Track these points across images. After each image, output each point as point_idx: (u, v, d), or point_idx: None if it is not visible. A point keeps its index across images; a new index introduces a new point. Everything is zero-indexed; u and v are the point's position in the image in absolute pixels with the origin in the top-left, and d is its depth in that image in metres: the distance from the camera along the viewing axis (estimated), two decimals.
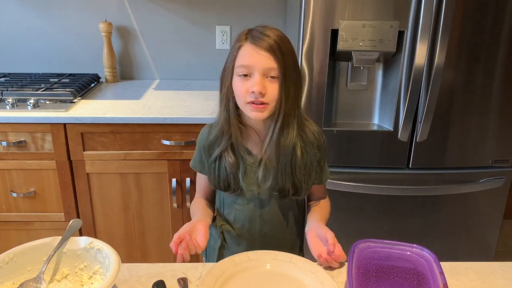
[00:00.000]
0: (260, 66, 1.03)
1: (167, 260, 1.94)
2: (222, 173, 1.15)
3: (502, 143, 1.77)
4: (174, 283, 0.97)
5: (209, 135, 1.17)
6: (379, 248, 0.99)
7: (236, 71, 1.07)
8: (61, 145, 1.80)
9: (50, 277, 0.95)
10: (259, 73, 1.04)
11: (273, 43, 1.03)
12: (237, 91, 1.07)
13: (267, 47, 1.03)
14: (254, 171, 1.15)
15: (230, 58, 1.09)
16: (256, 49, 1.04)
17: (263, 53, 1.03)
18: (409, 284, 0.90)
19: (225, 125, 1.12)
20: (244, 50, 1.06)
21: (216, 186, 1.18)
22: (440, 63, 1.59)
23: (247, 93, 1.05)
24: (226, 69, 1.10)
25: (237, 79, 1.07)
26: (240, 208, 1.20)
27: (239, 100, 1.08)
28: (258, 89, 1.03)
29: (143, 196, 1.91)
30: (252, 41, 1.04)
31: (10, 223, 1.92)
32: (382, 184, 1.78)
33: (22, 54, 2.29)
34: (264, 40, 1.03)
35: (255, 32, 1.06)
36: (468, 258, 1.51)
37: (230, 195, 1.19)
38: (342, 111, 1.79)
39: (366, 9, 1.58)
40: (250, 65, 1.04)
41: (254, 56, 1.04)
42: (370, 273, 0.93)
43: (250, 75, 1.05)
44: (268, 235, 1.21)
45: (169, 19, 2.27)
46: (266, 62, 1.03)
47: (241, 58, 1.06)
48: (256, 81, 1.04)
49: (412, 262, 0.97)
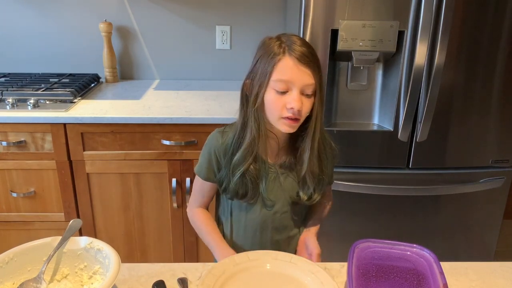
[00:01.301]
0: (300, 82, 1.02)
1: (167, 260, 1.95)
2: (242, 181, 1.12)
3: (502, 143, 1.77)
4: (174, 283, 0.97)
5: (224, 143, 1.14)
6: (379, 248, 0.99)
7: (273, 85, 1.03)
8: (61, 145, 1.80)
9: (50, 277, 0.95)
10: (297, 89, 1.02)
11: (310, 55, 1.02)
12: (272, 105, 1.05)
13: (307, 60, 1.02)
14: (277, 179, 1.15)
15: (264, 69, 1.04)
16: (297, 64, 1.01)
17: (304, 69, 1.02)
18: (409, 284, 0.90)
19: (256, 138, 1.09)
20: (284, 64, 1.02)
21: (233, 194, 1.15)
22: (440, 63, 1.59)
23: (283, 108, 1.03)
24: (257, 80, 1.06)
25: (272, 93, 1.04)
26: (252, 217, 1.18)
27: (272, 114, 1.06)
28: (298, 107, 1.02)
29: (143, 196, 1.91)
30: (292, 55, 1.02)
31: (10, 223, 1.92)
32: (382, 184, 1.78)
33: (22, 54, 2.29)
34: (304, 55, 1.02)
35: (289, 42, 1.03)
36: (468, 258, 1.51)
37: (242, 203, 1.17)
38: (342, 111, 1.79)
39: (366, 9, 1.58)
40: (290, 80, 1.02)
41: (295, 72, 1.02)
42: (370, 273, 0.93)
43: (288, 90, 1.03)
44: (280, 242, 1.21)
45: (169, 19, 2.27)
46: (306, 79, 1.02)
47: (280, 73, 1.02)
48: (294, 98, 1.02)
49: (412, 262, 0.97)
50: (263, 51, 1.06)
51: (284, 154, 1.17)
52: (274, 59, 1.03)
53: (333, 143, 1.21)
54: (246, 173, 1.11)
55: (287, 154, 1.16)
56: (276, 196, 1.16)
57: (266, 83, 1.04)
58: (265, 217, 1.18)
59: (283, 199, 1.17)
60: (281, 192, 1.16)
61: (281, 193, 1.16)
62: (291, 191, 1.16)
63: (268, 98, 1.05)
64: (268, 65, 1.03)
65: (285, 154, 1.17)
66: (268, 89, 1.04)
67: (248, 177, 1.11)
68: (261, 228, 1.19)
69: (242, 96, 1.11)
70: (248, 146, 1.10)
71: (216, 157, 1.15)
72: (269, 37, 1.08)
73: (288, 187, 1.16)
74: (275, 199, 1.16)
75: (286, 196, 1.17)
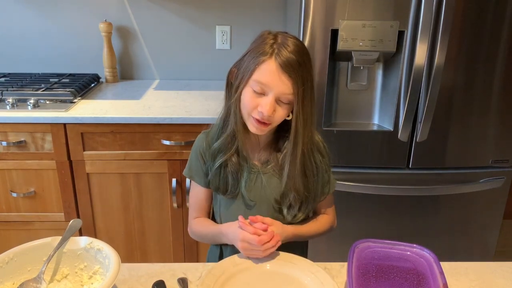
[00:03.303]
0: (277, 89, 1.01)
1: (167, 260, 1.95)
2: (223, 174, 1.12)
3: (502, 143, 1.77)
4: (174, 283, 0.97)
5: (208, 141, 1.14)
6: (379, 248, 0.99)
7: (252, 84, 1.03)
8: (61, 145, 1.80)
9: (50, 277, 0.95)
10: (273, 95, 1.01)
11: (298, 68, 1.00)
12: (245, 102, 1.04)
13: (290, 72, 0.99)
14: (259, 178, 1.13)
15: (248, 65, 1.03)
16: (279, 71, 0.99)
17: (284, 78, 1.00)
18: (409, 284, 0.90)
19: (235, 130, 1.09)
20: (266, 66, 1.00)
21: (216, 187, 1.15)
22: (440, 63, 1.59)
23: (255, 108, 1.03)
24: (240, 73, 1.06)
25: (249, 91, 1.04)
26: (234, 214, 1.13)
27: (244, 110, 1.06)
28: (268, 113, 1.01)
29: (143, 196, 1.91)
30: (277, 60, 1.00)
31: (10, 223, 1.92)
32: (382, 184, 1.78)
33: (22, 54, 2.29)
34: (289, 63, 0.99)
35: (281, 45, 1.01)
36: (468, 258, 1.51)
37: (225, 198, 1.16)
38: (342, 111, 1.79)
39: (366, 9, 1.58)
40: (268, 85, 1.01)
41: (275, 78, 1.00)
42: (370, 273, 0.93)
43: (264, 93, 1.02)
44: None
45: (169, 19, 2.27)
46: (283, 88, 1.00)
47: (261, 74, 1.01)
48: (267, 102, 1.01)
49: (412, 262, 0.97)
50: (256, 45, 1.05)
51: (267, 153, 1.15)
52: (259, 58, 1.01)
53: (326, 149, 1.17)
54: (227, 165, 1.11)
55: (270, 153, 1.15)
56: (257, 197, 1.13)
57: (246, 80, 1.04)
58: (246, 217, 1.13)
59: (267, 203, 1.13)
60: (263, 192, 1.13)
61: (263, 193, 1.13)
62: (275, 193, 1.13)
63: (245, 95, 1.05)
64: (252, 63, 1.03)
65: (267, 153, 1.15)
66: (247, 86, 1.04)
67: (229, 169, 1.11)
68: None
69: (227, 83, 1.12)
70: (228, 136, 1.10)
71: (202, 157, 1.16)
72: (269, 32, 1.06)
73: (272, 188, 1.13)
74: (255, 199, 1.13)
75: (270, 199, 1.13)
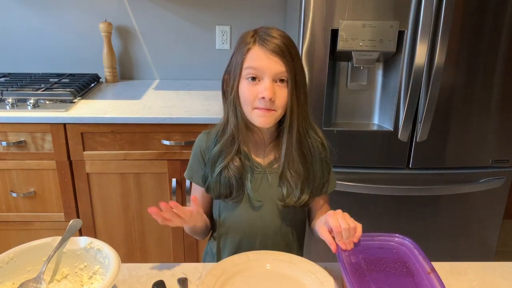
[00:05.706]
0: (270, 70, 1.00)
1: (167, 260, 1.95)
2: (225, 179, 1.08)
3: (502, 143, 1.77)
4: (174, 283, 0.97)
5: (208, 142, 1.13)
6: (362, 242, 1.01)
7: (244, 73, 1.02)
8: (61, 145, 1.80)
9: (50, 277, 0.95)
10: (269, 78, 1.00)
11: (283, 46, 1.00)
12: (245, 95, 1.03)
13: (277, 50, 0.99)
14: (265, 177, 1.11)
15: (237, 61, 1.04)
16: (266, 52, 1.00)
17: (272, 57, 1.00)
18: (399, 273, 0.92)
19: (235, 131, 1.07)
20: (253, 53, 1.01)
21: (217, 193, 1.11)
22: (440, 63, 1.59)
23: (255, 98, 1.01)
24: (232, 72, 1.05)
25: (244, 83, 1.03)
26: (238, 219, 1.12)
27: (245, 105, 1.04)
28: (269, 95, 0.99)
29: (143, 196, 1.91)
30: (261, 43, 1.00)
31: (10, 223, 1.92)
32: (382, 184, 1.78)
33: (22, 54, 2.29)
34: (273, 43, 1.00)
35: (262, 34, 1.02)
36: (468, 258, 1.51)
37: (228, 202, 1.12)
38: (342, 111, 1.79)
39: (366, 9, 1.58)
40: (260, 68, 1.00)
41: (263, 59, 1.00)
42: (362, 268, 0.93)
43: (259, 79, 1.01)
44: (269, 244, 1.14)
45: (169, 19, 2.27)
46: (276, 67, 1.00)
47: (250, 61, 1.01)
48: (266, 86, 1.00)
49: (396, 252, 0.98)
50: (237, 44, 1.06)
51: (272, 152, 1.13)
52: (244, 48, 1.02)
53: (327, 142, 1.16)
54: (228, 169, 1.08)
55: (276, 153, 1.12)
56: (263, 196, 1.11)
57: (239, 73, 1.03)
58: (252, 220, 1.12)
59: (272, 201, 1.11)
60: (268, 192, 1.11)
61: (268, 193, 1.11)
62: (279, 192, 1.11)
63: (242, 88, 1.04)
64: (240, 56, 1.03)
65: (273, 153, 1.13)
66: (241, 79, 1.03)
67: (232, 173, 1.08)
68: (248, 234, 1.13)
69: (223, 92, 1.11)
70: (227, 140, 1.08)
71: (202, 158, 1.14)
72: (247, 31, 1.06)
73: (277, 187, 1.11)
74: (262, 199, 1.11)
75: (275, 198, 1.11)
